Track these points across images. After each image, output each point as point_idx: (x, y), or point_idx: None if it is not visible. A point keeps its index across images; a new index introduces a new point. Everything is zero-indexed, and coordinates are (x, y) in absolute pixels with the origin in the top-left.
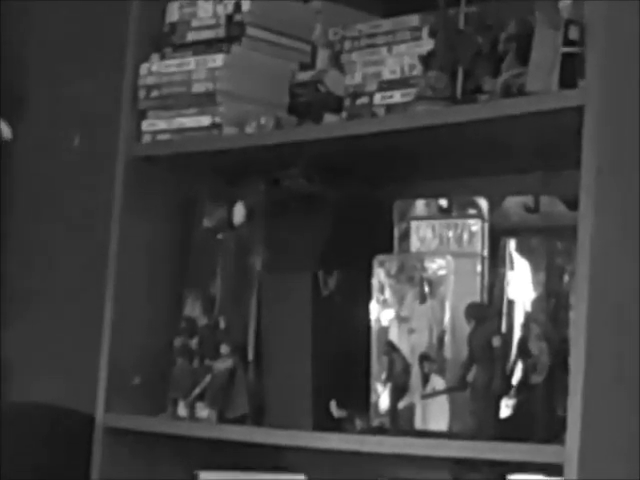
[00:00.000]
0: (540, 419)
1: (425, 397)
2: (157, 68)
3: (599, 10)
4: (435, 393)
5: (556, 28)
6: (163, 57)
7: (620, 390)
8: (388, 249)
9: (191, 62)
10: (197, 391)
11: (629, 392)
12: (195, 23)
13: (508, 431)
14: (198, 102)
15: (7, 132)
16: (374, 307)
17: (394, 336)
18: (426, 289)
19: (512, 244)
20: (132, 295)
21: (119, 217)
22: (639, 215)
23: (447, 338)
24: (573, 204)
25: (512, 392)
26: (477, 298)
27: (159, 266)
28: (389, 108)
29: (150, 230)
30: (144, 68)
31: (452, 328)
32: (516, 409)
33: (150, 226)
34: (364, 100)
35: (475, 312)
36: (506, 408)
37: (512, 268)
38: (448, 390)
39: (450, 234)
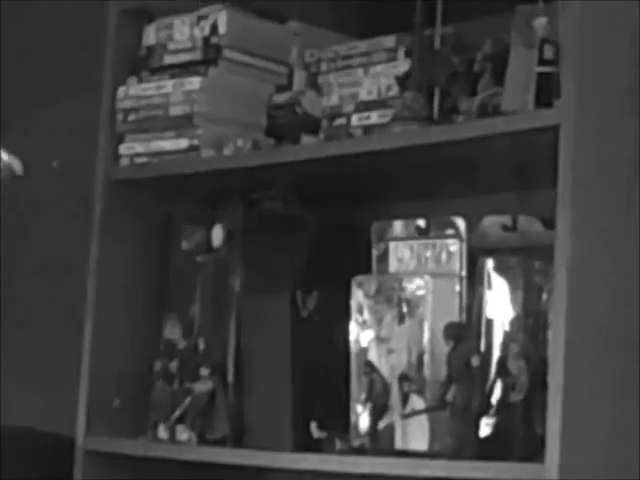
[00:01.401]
0: (519, 438)
1: (405, 417)
2: (134, 91)
3: (573, 29)
4: (415, 413)
5: (531, 47)
6: (140, 80)
7: (598, 408)
8: (366, 270)
9: (168, 85)
10: (177, 413)
11: (609, 410)
12: (172, 46)
13: (488, 450)
14: (176, 125)
15: (18, 168)
16: (353, 328)
17: (373, 356)
18: (405, 309)
19: (490, 263)
20: (111, 318)
21: (98, 240)
22: (616, 233)
23: (426, 358)
24: (550, 223)
25: (491, 411)
26: (456, 318)
27: (138, 289)
28: (366, 129)
29: (129, 253)
30: (121, 91)
31: (431, 348)
32: (495, 428)
33: (129, 249)
34: (341, 121)
35: (454, 332)
36: (486, 427)
37: (490, 287)
38: (427, 410)
39: (428, 254)
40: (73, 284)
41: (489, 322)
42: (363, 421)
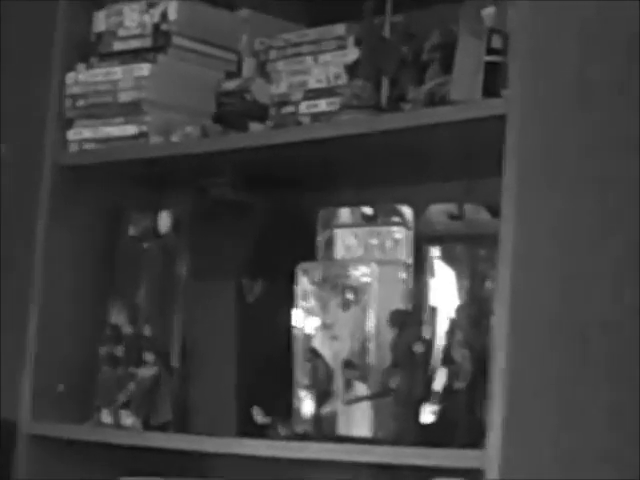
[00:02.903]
0: (462, 425)
1: (348, 403)
2: (83, 77)
3: (521, 19)
4: (358, 399)
5: (479, 37)
6: (90, 66)
7: (542, 396)
8: (313, 257)
9: (117, 71)
10: (122, 398)
11: (552, 398)
12: (122, 32)
13: (430, 437)
14: (124, 111)
15: None
16: (298, 314)
17: (317, 343)
18: (350, 296)
19: (436, 252)
20: (57, 303)
21: (45, 225)
22: (561, 222)
23: (370, 345)
24: (497, 212)
25: (434, 398)
26: (401, 305)
27: (85, 274)
28: (315, 117)
29: (76, 239)
30: (70, 77)
31: (375, 335)
32: (438, 415)
33: (76, 235)
34: (290, 109)
35: (398, 319)
36: (428, 414)
37: (435, 275)
38: (371, 396)
39: (374, 242)
40: (19, 269)
41: (434, 310)
42: (306, 407)
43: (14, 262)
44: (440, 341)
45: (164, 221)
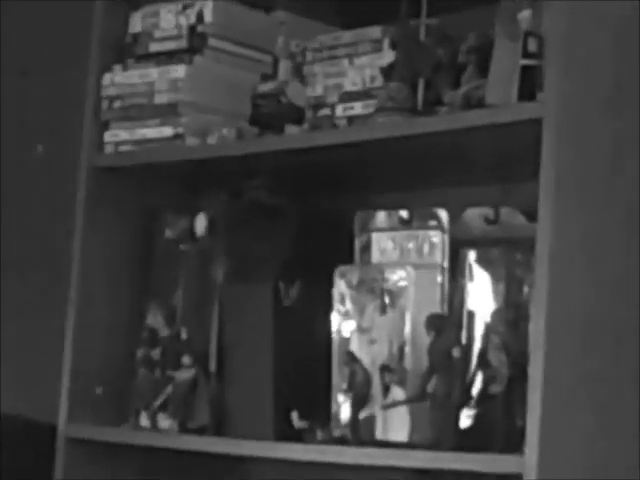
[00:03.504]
0: (499, 429)
1: (385, 407)
2: (119, 79)
3: (558, 22)
4: (395, 403)
5: (515, 40)
6: (125, 68)
7: (579, 401)
8: (349, 260)
9: (153, 73)
10: (159, 401)
11: (588, 403)
12: (157, 34)
13: (468, 441)
14: (160, 113)
15: None
16: (335, 318)
17: (355, 347)
18: (387, 300)
19: (472, 255)
20: (94, 305)
21: (81, 227)
22: (597, 226)
23: (407, 349)
24: (533, 216)
25: (472, 403)
26: (437, 309)
27: (121, 276)
28: (350, 119)
29: (112, 241)
30: (107, 79)
31: (412, 339)
32: (475, 420)
33: (112, 237)
34: (325, 111)
35: (435, 323)
36: (466, 419)
37: (472, 279)
38: (408, 401)
39: (411, 245)
40: (57, 272)
41: (470, 314)
42: (344, 411)
43: (52, 264)
44: (477, 345)
45: (200, 223)
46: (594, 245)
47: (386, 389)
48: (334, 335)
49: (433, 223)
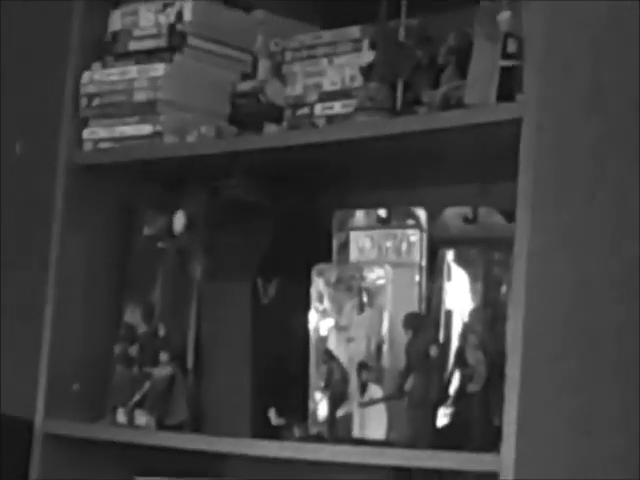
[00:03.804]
0: (476, 428)
1: (363, 405)
2: (99, 76)
3: (537, 23)
4: (373, 401)
5: (495, 41)
6: (105, 66)
7: (556, 400)
8: (327, 258)
9: (133, 71)
10: (136, 398)
11: (565, 402)
12: (137, 32)
13: (445, 440)
14: (139, 111)
15: None
16: (313, 316)
17: (332, 345)
18: (364, 299)
19: (450, 255)
20: (72, 302)
21: (59, 224)
22: (576, 227)
23: (385, 347)
24: (511, 215)
25: (449, 401)
26: (415, 308)
27: (99, 273)
28: (329, 119)
29: (90, 238)
30: (86, 76)
31: (390, 337)
32: (453, 418)
33: (90, 234)
34: (305, 111)
35: (413, 322)
36: (443, 417)
37: (450, 278)
38: (385, 399)
39: (389, 244)
40: (34, 268)
41: (448, 313)
42: (321, 409)
43: (29, 260)
44: (454, 344)
45: (179, 221)
46: (572, 245)
47: (363, 387)
48: (312, 333)
49: (411, 222)
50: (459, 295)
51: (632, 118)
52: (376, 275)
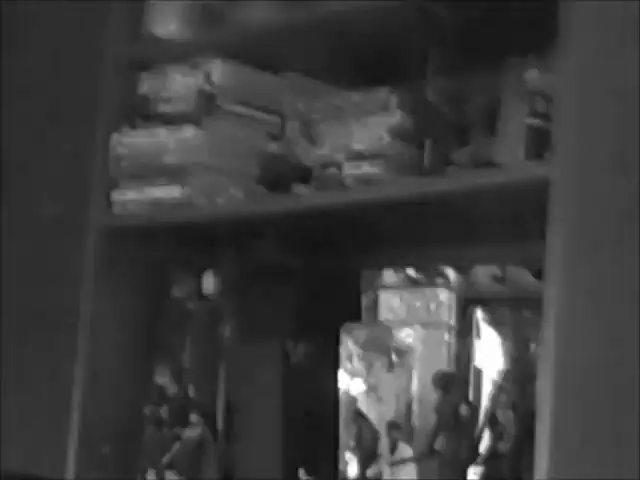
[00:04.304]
0: None
1: (393, 465)
2: (128, 139)
3: (566, 82)
4: (403, 461)
5: (522, 100)
6: (134, 128)
7: (586, 459)
8: (356, 318)
9: (162, 133)
10: (166, 459)
11: (595, 461)
12: (165, 94)
13: None
14: (169, 173)
15: None
16: (342, 376)
17: (362, 404)
18: (394, 358)
19: (479, 313)
20: (102, 363)
21: (90, 286)
22: (605, 286)
23: (415, 406)
24: (540, 274)
25: (479, 460)
26: (445, 367)
27: (129, 335)
28: (358, 179)
29: (121, 299)
30: (115, 138)
31: (420, 397)
32: (483, 477)
33: (121, 295)
34: (333, 171)
35: (442, 381)
36: (473, 476)
37: (479, 337)
38: (416, 458)
39: (418, 304)
40: (66, 330)
41: (478, 372)
42: (352, 469)
43: (61, 322)
44: (484, 403)
45: (208, 282)
46: (601, 303)
47: (394, 446)
48: (341, 393)
49: (440, 281)
50: (488, 354)
51: None
52: (405, 334)
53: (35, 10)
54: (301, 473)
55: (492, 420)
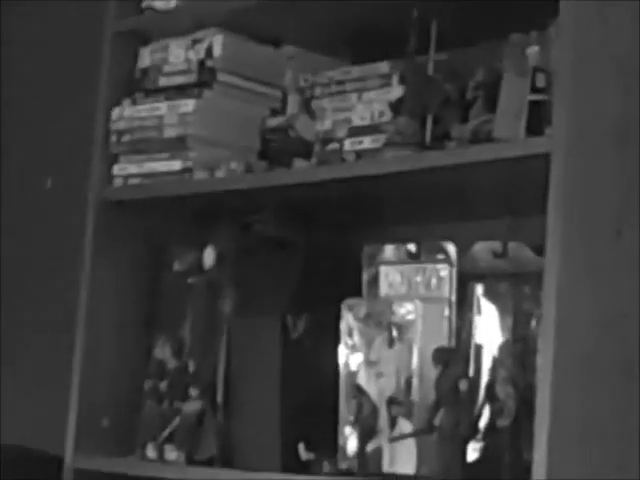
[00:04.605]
0: (506, 463)
1: (393, 440)
2: (129, 113)
3: (566, 58)
4: (402, 436)
5: (523, 75)
6: (135, 102)
7: (586, 434)
8: (357, 293)
9: (162, 107)
10: (166, 433)
11: (596, 436)
12: (167, 68)
13: (475, 474)
14: (169, 147)
15: None
16: (342, 351)
17: (362, 380)
18: (394, 333)
19: (480, 289)
20: (102, 337)
21: (89, 259)
22: (605, 260)
23: (415, 382)
24: (541, 250)
25: (479, 436)
26: (445, 342)
27: (129, 309)
28: (359, 154)
29: (120, 273)
30: (116, 113)
31: (420, 372)
32: (483, 452)
33: (120, 269)
34: (334, 146)
35: (442, 356)
36: (473, 452)
37: (480, 313)
38: (415, 433)
39: (418, 279)
40: (65, 304)
41: (478, 347)
42: (351, 444)
43: (60, 296)
44: (484, 378)
45: (209, 256)
46: (601, 278)
47: (393, 422)
48: (341, 368)
49: (441, 257)
50: (489, 329)
51: None
52: (406, 310)
53: None
54: (300, 448)
55: (492, 395)
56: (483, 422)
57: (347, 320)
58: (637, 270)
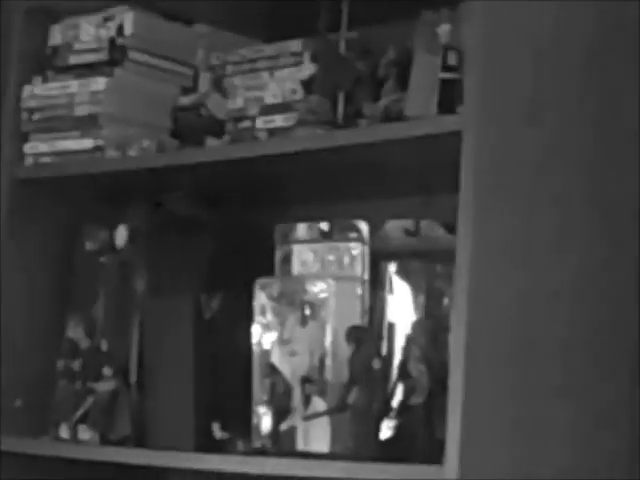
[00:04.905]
0: (420, 440)
1: (306, 419)
2: (39, 91)
3: (477, 36)
4: (316, 415)
5: (435, 54)
6: (45, 80)
7: (499, 411)
8: (270, 272)
9: (73, 85)
10: (79, 413)
11: (509, 414)
12: (77, 46)
13: (388, 452)
14: (80, 125)
15: None
16: (256, 330)
17: (275, 359)
18: (307, 312)
19: (392, 267)
20: (14, 317)
21: (1, 239)
22: (517, 238)
23: (328, 360)
24: (453, 228)
25: (392, 414)
26: (358, 321)
27: (41, 289)
28: (271, 132)
29: (32, 253)
30: (26, 90)
31: (333, 351)
32: (396, 430)
33: (32, 248)
34: (246, 124)
35: (355, 335)
36: (386, 429)
37: (392, 291)
38: (329, 412)
39: (331, 258)
40: None
41: (391, 325)
42: (265, 423)
43: None
44: (397, 356)
45: (121, 235)
46: (514, 257)
47: (307, 400)
48: (255, 347)
49: (353, 235)
50: (401, 308)
51: (572, 131)
52: (319, 288)
53: None
54: (215, 427)
55: (405, 373)
56: (396, 400)
57: (260, 299)
58: (551, 246)
